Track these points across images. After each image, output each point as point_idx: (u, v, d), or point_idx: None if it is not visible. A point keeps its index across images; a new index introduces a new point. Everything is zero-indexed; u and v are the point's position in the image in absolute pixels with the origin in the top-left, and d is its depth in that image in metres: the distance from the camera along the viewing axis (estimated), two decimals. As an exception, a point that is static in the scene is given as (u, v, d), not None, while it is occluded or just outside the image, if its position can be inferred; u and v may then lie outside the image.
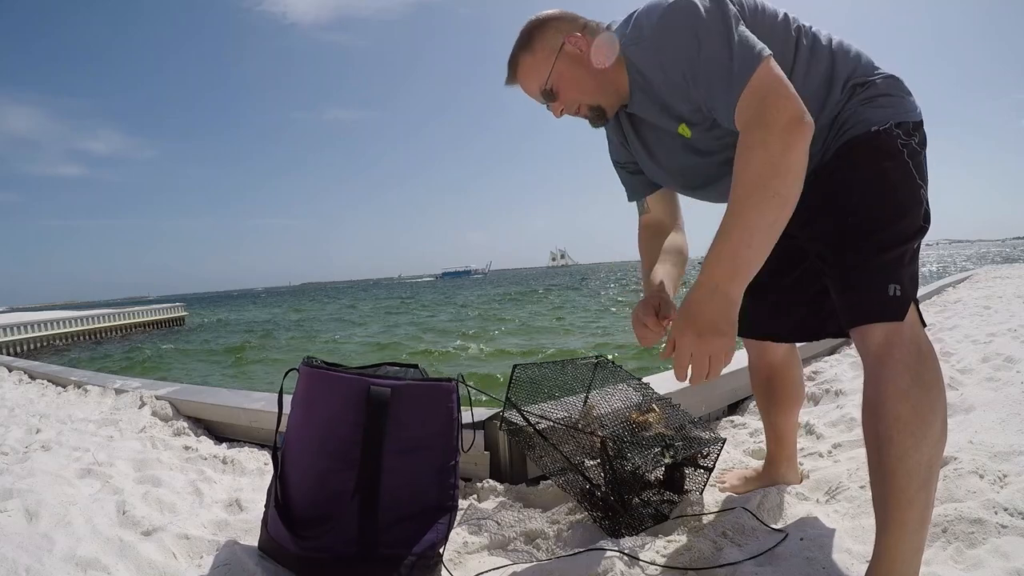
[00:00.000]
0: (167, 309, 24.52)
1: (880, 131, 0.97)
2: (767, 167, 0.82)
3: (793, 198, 0.84)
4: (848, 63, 1.01)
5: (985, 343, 2.82)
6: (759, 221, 0.82)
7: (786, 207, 0.83)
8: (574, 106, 1.13)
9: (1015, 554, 0.99)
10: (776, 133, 0.83)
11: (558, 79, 1.10)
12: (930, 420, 0.89)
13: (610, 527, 1.24)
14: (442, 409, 1.15)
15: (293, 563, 1.09)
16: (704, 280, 0.85)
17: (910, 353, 0.90)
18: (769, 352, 1.35)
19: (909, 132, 0.97)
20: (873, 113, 0.98)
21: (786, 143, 0.82)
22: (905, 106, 0.99)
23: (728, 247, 0.84)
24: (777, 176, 0.82)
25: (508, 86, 1.19)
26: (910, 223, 0.96)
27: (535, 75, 1.12)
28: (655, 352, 9.10)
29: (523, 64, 1.13)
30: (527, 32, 1.13)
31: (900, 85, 1.01)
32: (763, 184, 0.82)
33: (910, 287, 0.94)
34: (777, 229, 0.84)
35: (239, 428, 2.44)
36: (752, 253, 0.83)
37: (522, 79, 1.15)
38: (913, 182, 0.97)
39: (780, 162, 0.82)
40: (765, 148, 0.83)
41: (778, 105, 0.84)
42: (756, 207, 0.82)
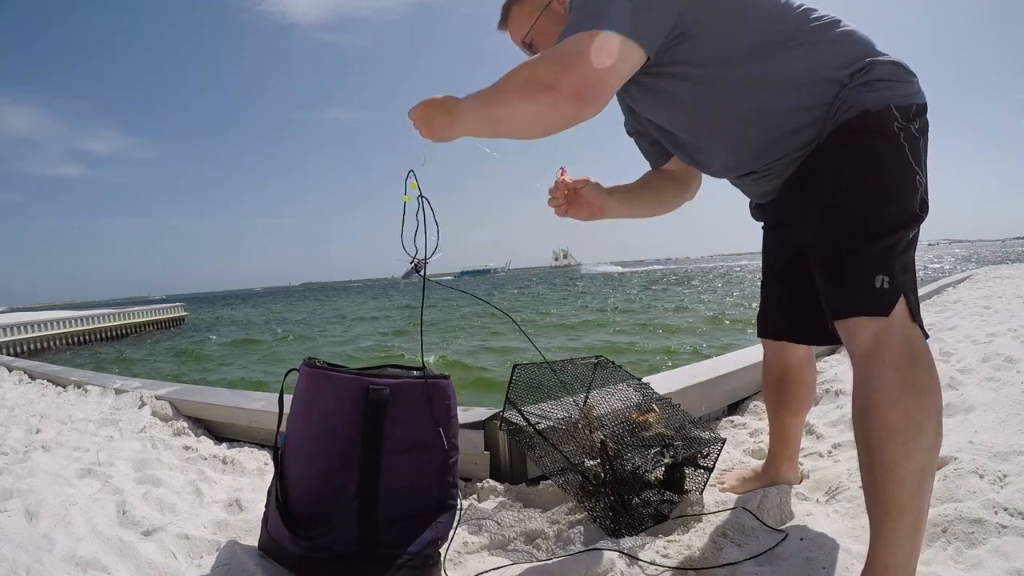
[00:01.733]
0: (167, 309, 24.53)
1: (875, 112, 0.92)
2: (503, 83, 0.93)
3: (503, 126, 0.97)
4: (857, 49, 0.97)
5: (985, 343, 2.82)
6: (480, 109, 0.97)
7: (495, 124, 0.97)
8: None
9: (1015, 554, 0.99)
10: (524, 74, 0.91)
11: (536, 34, 1.16)
12: (923, 427, 0.85)
13: (610, 527, 1.24)
14: (440, 408, 1.15)
15: (293, 563, 1.09)
16: (463, 101, 1.00)
17: (901, 355, 0.86)
18: (787, 353, 1.32)
19: (909, 116, 0.92)
20: (869, 96, 0.93)
21: (519, 89, 0.91)
22: (906, 89, 0.94)
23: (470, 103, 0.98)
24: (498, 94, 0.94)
25: (499, 31, 1.24)
26: (903, 209, 0.91)
27: (521, 25, 1.18)
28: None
29: (513, 13, 1.19)
30: None
31: (902, 70, 0.96)
32: (495, 88, 0.95)
33: (901, 279, 0.89)
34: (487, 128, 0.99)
35: (239, 428, 2.44)
36: (471, 122, 0.99)
37: (510, 26, 1.21)
38: (908, 167, 0.91)
39: (506, 93, 0.93)
40: (511, 73, 0.93)
41: (545, 64, 0.90)
42: (484, 98, 0.96)
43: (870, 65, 0.95)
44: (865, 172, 0.92)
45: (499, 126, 0.98)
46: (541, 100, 0.89)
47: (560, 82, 0.87)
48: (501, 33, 1.24)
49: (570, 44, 0.89)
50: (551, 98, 0.88)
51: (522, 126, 0.95)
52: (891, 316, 0.87)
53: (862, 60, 0.96)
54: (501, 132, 0.98)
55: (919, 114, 0.94)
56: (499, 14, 1.22)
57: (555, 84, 0.87)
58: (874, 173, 0.92)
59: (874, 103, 0.92)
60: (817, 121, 0.98)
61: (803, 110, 0.98)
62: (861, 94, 0.94)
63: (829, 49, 0.97)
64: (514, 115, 0.94)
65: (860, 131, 0.93)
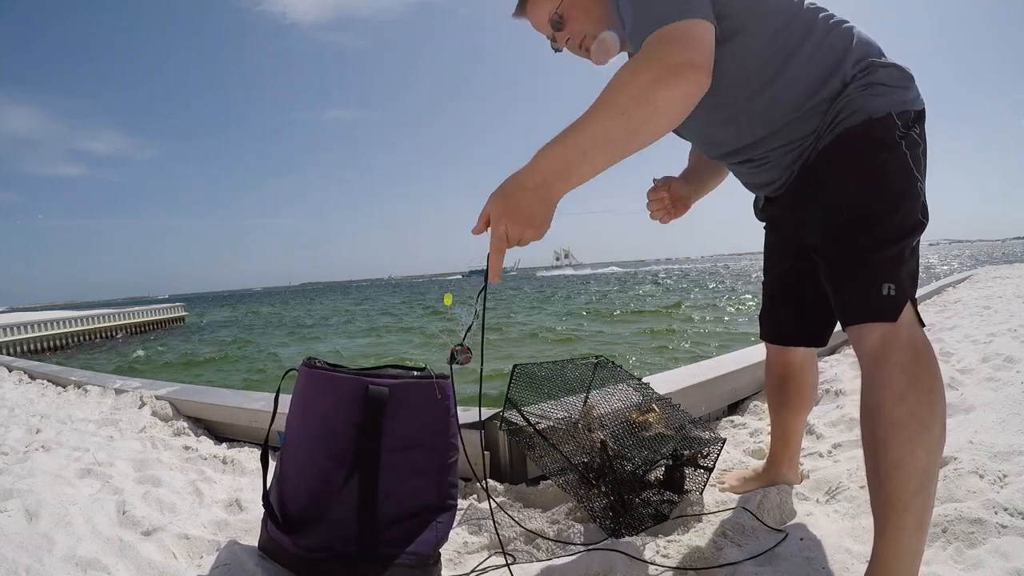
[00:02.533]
0: (167, 309, 24.53)
1: (877, 121, 0.93)
2: (627, 87, 0.81)
3: (643, 129, 0.82)
4: (858, 49, 0.97)
5: (985, 343, 2.82)
6: (600, 133, 0.81)
7: (632, 133, 0.82)
8: (580, 36, 1.11)
9: (1015, 554, 0.99)
10: (653, 66, 0.81)
11: (568, 6, 1.09)
12: (928, 424, 0.87)
13: (610, 527, 1.24)
14: (439, 407, 1.15)
15: (293, 563, 1.09)
16: (532, 168, 0.84)
17: (907, 355, 0.88)
18: (789, 352, 1.33)
19: (909, 123, 0.94)
20: (871, 101, 0.94)
21: (659, 77, 0.80)
22: (906, 95, 0.95)
23: (563, 147, 0.82)
24: (632, 98, 0.80)
25: (516, 18, 1.17)
26: (907, 218, 0.93)
27: (544, 4, 1.11)
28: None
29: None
30: None
31: (902, 74, 0.97)
32: (614, 100, 0.81)
33: (907, 286, 0.91)
34: (617, 148, 0.82)
35: (239, 428, 2.44)
36: (584, 161, 0.82)
37: (532, 7, 1.13)
38: (910, 175, 0.93)
39: (642, 90, 0.80)
40: (635, 74, 0.82)
41: (673, 49, 0.82)
42: (600, 118, 0.81)
43: (872, 67, 0.96)
44: (870, 182, 0.94)
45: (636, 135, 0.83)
46: (689, 80, 0.81)
47: (696, 59, 0.82)
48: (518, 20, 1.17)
49: (673, 32, 0.83)
50: (696, 76, 0.82)
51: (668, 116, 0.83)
52: (899, 320, 0.90)
53: (865, 60, 0.96)
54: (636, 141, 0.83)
55: (918, 120, 0.96)
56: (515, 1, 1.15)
57: (694, 61, 0.81)
58: (879, 183, 0.93)
59: (876, 110, 0.93)
60: (818, 114, 0.98)
61: (806, 101, 0.98)
62: (863, 98, 0.94)
63: (835, 45, 0.97)
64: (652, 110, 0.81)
65: (864, 140, 0.94)
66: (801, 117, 0.99)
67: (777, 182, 1.11)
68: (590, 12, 1.09)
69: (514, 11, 1.17)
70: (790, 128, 1.01)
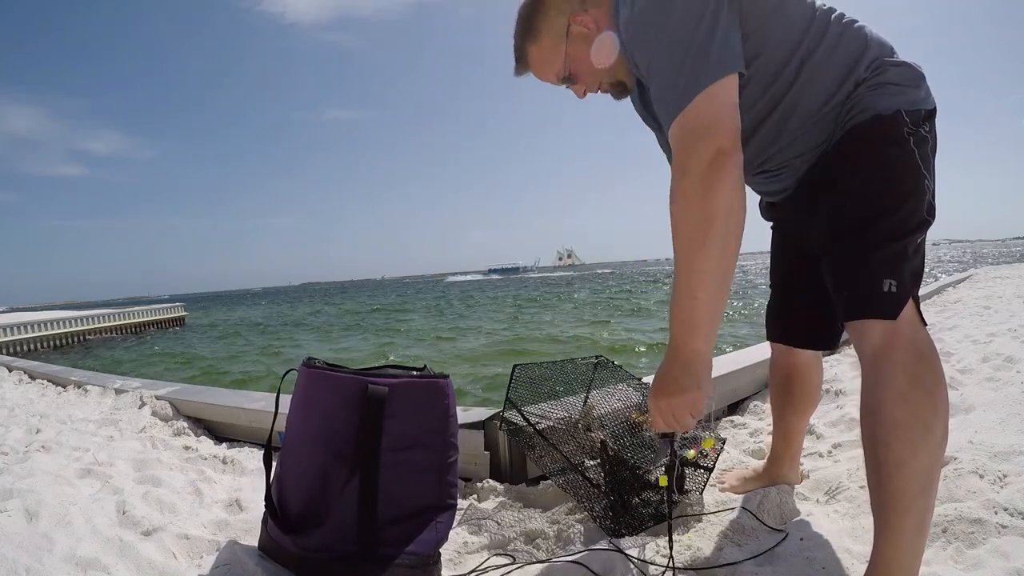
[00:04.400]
0: (167, 309, 24.53)
1: (886, 117, 0.92)
2: (694, 219, 0.83)
3: (730, 239, 0.84)
4: (871, 50, 0.96)
5: (985, 343, 2.82)
6: (700, 274, 0.84)
7: (726, 251, 0.84)
8: (595, 85, 1.10)
9: (1015, 554, 0.99)
10: (696, 180, 0.83)
11: (574, 64, 1.07)
12: (931, 425, 0.86)
13: (610, 527, 1.24)
14: (439, 406, 1.15)
15: (293, 563, 1.09)
16: (670, 343, 0.89)
17: (909, 355, 0.87)
18: (795, 353, 1.32)
19: (918, 121, 0.93)
20: (880, 100, 0.93)
21: (706, 188, 0.83)
22: (917, 94, 0.94)
23: (679, 306, 0.87)
24: (705, 226, 0.83)
25: (518, 77, 1.14)
26: (912, 215, 0.92)
27: (548, 65, 1.09)
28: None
29: (532, 56, 1.10)
30: (526, 18, 1.08)
31: (913, 72, 0.96)
32: (693, 237, 0.84)
33: (909, 283, 0.90)
34: (722, 273, 0.85)
35: (239, 428, 2.44)
36: (702, 305, 0.85)
37: (534, 70, 1.12)
38: (917, 172, 0.92)
39: (704, 210, 0.83)
40: (687, 200, 0.84)
41: (699, 148, 0.84)
42: (694, 262, 0.84)
43: (883, 66, 0.95)
44: (876, 178, 0.93)
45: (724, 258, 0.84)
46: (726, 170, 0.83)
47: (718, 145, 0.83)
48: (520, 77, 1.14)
49: (694, 116, 0.85)
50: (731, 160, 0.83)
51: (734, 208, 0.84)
52: (899, 318, 0.89)
53: (877, 60, 0.96)
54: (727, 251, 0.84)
55: (928, 119, 0.95)
56: (513, 58, 1.12)
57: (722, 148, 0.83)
58: (885, 179, 0.93)
59: (885, 108, 0.93)
60: (831, 121, 0.98)
61: (822, 106, 0.97)
62: (873, 97, 0.94)
63: (849, 49, 0.96)
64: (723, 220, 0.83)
65: (871, 137, 0.93)
66: (817, 124, 0.99)
67: (790, 189, 1.11)
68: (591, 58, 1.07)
69: (515, 71, 1.14)
70: (806, 136, 1.01)
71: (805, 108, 0.98)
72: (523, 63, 1.12)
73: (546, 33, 1.06)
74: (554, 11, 1.05)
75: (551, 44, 1.06)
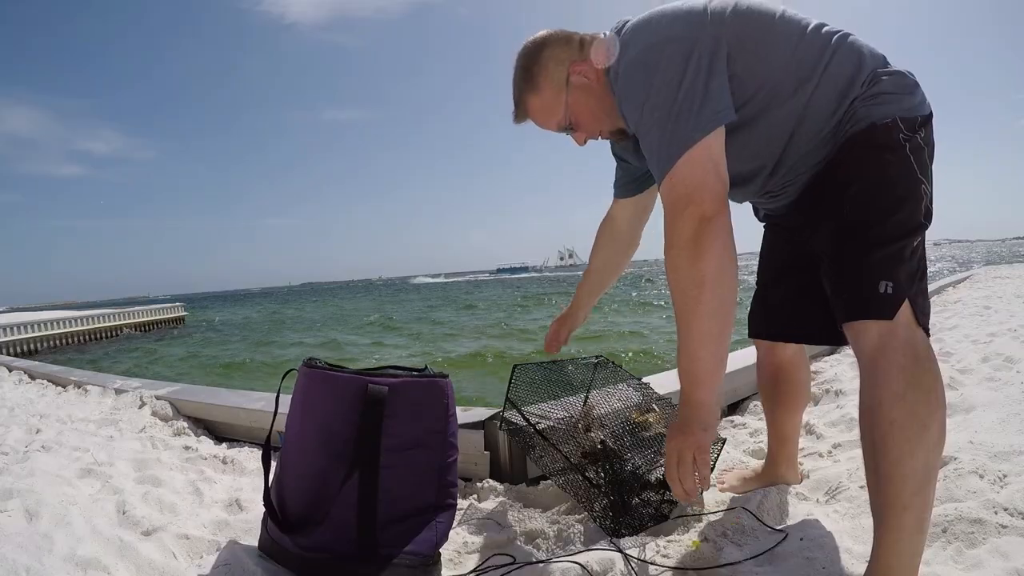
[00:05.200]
0: (167, 309, 24.53)
1: (880, 126, 0.94)
2: (687, 287, 0.91)
3: (724, 298, 0.91)
4: (866, 65, 0.98)
5: (985, 343, 2.82)
6: (700, 336, 0.92)
7: (720, 310, 0.91)
8: (595, 133, 1.14)
9: (1015, 554, 0.99)
10: (683, 251, 0.91)
11: (574, 113, 1.10)
12: (927, 424, 0.87)
13: (610, 527, 1.24)
14: (439, 406, 1.15)
15: (293, 563, 1.09)
16: (681, 394, 0.98)
17: (905, 355, 0.89)
18: (776, 351, 1.34)
19: (914, 127, 0.95)
20: (875, 110, 0.95)
21: (694, 257, 0.90)
22: (911, 101, 0.96)
23: (683, 365, 0.96)
24: (696, 293, 0.90)
25: (517, 124, 1.17)
26: (908, 218, 0.94)
27: (549, 114, 1.12)
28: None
29: (532, 105, 1.12)
30: (525, 68, 1.10)
31: (906, 81, 0.97)
32: (688, 303, 0.91)
33: (906, 285, 0.92)
34: (719, 331, 0.92)
35: (239, 428, 2.44)
36: (703, 363, 0.93)
37: (535, 118, 1.14)
38: (913, 177, 0.94)
39: (695, 278, 0.90)
40: (677, 272, 0.92)
41: (683, 218, 0.90)
42: (692, 326, 0.92)
43: (876, 78, 0.97)
44: (871, 184, 0.95)
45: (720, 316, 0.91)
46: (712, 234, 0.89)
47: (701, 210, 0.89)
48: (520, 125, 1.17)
49: (677, 180, 0.91)
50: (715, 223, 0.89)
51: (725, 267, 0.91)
52: (896, 319, 0.90)
53: (870, 74, 0.97)
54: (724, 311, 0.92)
55: (924, 124, 0.97)
56: (513, 105, 1.15)
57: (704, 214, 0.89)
58: (880, 184, 0.94)
59: (880, 116, 0.95)
60: (830, 139, 1.00)
61: (820, 131, 1.00)
62: (869, 107, 0.96)
63: (844, 67, 0.97)
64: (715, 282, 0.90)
65: (867, 144, 0.95)
66: (818, 144, 1.01)
67: (790, 203, 1.14)
68: (598, 113, 1.10)
69: (514, 118, 1.16)
70: (808, 156, 1.03)
71: (806, 135, 1.00)
72: (523, 111, 1.14)
73: (546, 83, 1.09)
74: (553, 62, 1.08)
75: (551, 94, 1.09)
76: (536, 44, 1.10)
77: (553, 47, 1.08)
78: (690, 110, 0.91)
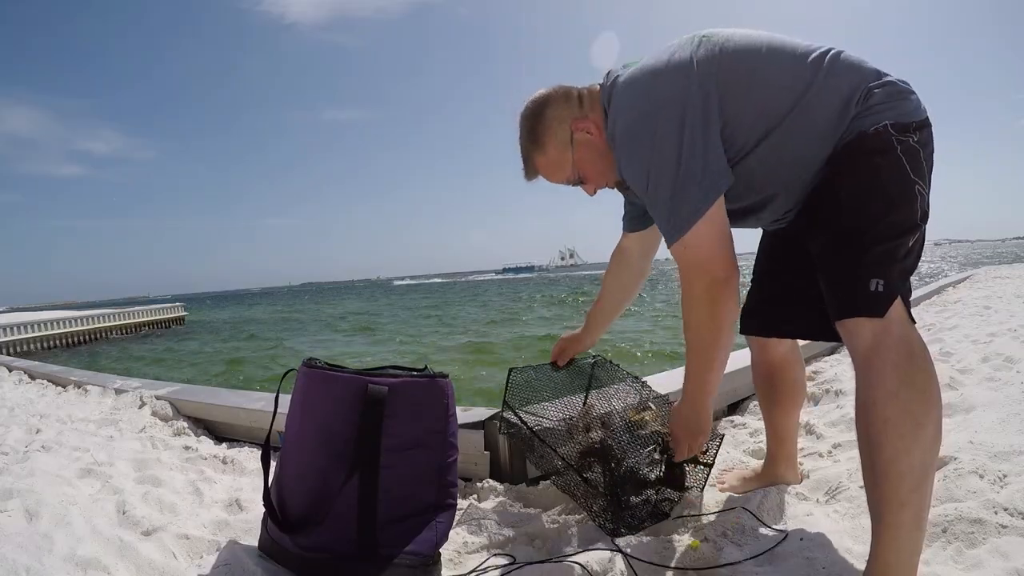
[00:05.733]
0: (167, 309, 24.53)
1: (870, 132, 0.96)
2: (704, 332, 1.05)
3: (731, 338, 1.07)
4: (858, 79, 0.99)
5: (985, 343, 2.81)
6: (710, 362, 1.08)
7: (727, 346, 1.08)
8: (603, 184, 1.21)
9: (1015, 554, 0.99)
10: (701, 310, 1.04)
11: (581, 168, 1.16)
12: (922, 422, 0.88)
13: (609, 527, 1.24)
14: (439, 406, 1.15)
15: (293, 563, 1.09)
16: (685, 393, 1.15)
17: (899, 353, 0.89)
18: (769, 350, 1.35)
19: (907, 131, 0.96)
20: (868, 119, 0.97)
21: (711, 310, 1.03)
22: (903, 108, 0.97)
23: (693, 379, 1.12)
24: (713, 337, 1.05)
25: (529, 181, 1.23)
26: (901, 218, 0.95)
27: (557, 171, 1.18)
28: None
29: (539, 163, 1.19)
30: (530, 130, 1.16)
31: (898, 89, 0.99)
32: (705, 344, 1.06)
33: (898, 284, 0.93)
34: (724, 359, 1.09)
35: (239, 428, 2.44)
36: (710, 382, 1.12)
37: (544, 175, 1.21)
38: (906, 178, 0.95)
39: (713, 327, 1.04)
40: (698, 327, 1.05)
41: (698, 284, 1.02)
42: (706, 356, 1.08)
43: (869, 92, 0.98)
44: (863, 185, 0.96)
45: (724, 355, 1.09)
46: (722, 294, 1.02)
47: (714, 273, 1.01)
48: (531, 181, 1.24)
49: (689, 246, 1.00)
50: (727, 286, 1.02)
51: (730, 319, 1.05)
52: (888, 317, 0.91)
53: (863, 91, 0.98)
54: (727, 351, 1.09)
55: (919, 128, 0.97)
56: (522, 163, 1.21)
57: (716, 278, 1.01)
58: (872, 186, 0.96)
59: (870, 124, 0.96)
60: (828, 159, 1.01)
61: (819, 156, 1.01)
62: (862, 119, 0.97)
63: (838, 89, 0.98)
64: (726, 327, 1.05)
65: (858, 151, 0.97)
66: (817, 170, 1.03)
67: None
68: (602, 167, 1.16)
69: (525, 176, 1.23)
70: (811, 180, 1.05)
71: (809, 158, 1.02)
72: (532, 169, 1.21)
73: (551, 143, 1.15)
74: (556, 121, 1.14)
75: (557, 153, 1.15)
76: (538, 104, 1.16)
77: (554, 106, 1.15)
78: (692, 181, 0.97)
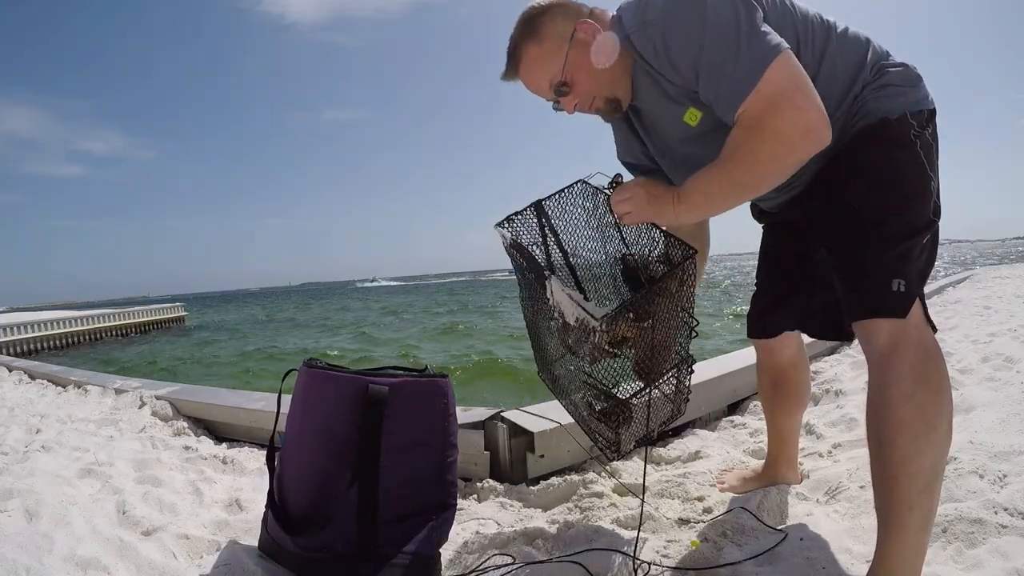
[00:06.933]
0: (167, 309, 24.52)
1: (892, 120, 0.94)
2: (748, 167, 0.88)
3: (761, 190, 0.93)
4: (872, 55, 0.97)
5: (985, 343, 2.82)
6: (721, 199, 0.94)
7: (748, 191, 0.93)
8: (589, 99, 1.06)
9: (1015, 554, 0.99)
10: (772, 141, 0.85)
11: (572, 71, 1.03)
12: (936, 424, 0.87)
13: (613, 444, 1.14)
14: (439, 406, 1.15)
15: (293, 563, 1.09)
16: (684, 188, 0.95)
17: (916, 354, 0.88)
18: (777, 353, 1.34)
19: (923, 123, 0.94)
20: (885, 103, 0.95)
21: (787, 152, 0.86)
22: (916, 95, 0.96)
23: (709, 183, 0.92)
24: (754, 176, 0.89)
25: (505, 80, 1.09)
26: (919, 216, 0.93)
27: (544, 67, 1.04)
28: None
29: (529, 54, 1.04)
30: (530, 19, 1.04)
31: (911, 73, 0.97)
32: (735, 179, 0.90)
33: (916, 283, 0.91)
34: (737, 202, 0.95)
35: (239, 428, 2.44)
36: (717, 202, 0.95)
37: (528, 72, 1.06)
38: (924, 174, 0.94)
39: (783, 166, 0.88)
40: (771, 160, 0.87)
41: (788, 116, 0.84)
42: (733, 189, 0.92)
43: (883, 69, 0.96)
44: (884, 180, 0.94)
45: (754, 188, 0.92)
46: (809, 147, 0.85)
47: (810, 119, 0.84)
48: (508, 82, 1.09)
49: (774, 87, 0.84)
50: (813, 138, 0.85)
51: (783, 174, 0.90)
52: (907, 318, 0.90)
53: (876, 63, 0.97)
54: (751, 193, 0.95)
55: (931, 120, 0.96)
56: (506, 60, 1.08)
57: (811, 126, 0.84)
58: (892, 181, 0.94)
59: (891, 111, 0.94)
60: (839, 124, 0.98)
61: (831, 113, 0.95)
62: (877, 100, 0.95)
63: (850, 57, 0.97)
64: (777, 169, 0.88)
65: (879, 139, 0.95)
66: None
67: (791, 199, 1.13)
68: (599, 74, 1.02)
69: (504, 74, 1.09)
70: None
71: None
72: (516, 64, 1.07)
73: (550, 34, 1.03)
74: (561, 16, 1.03)
75: (553, 46, 1.03)
76: (546, 3, 1.05)
77: (563, 7, 1.04)
78: (759, 31, 0.86)
